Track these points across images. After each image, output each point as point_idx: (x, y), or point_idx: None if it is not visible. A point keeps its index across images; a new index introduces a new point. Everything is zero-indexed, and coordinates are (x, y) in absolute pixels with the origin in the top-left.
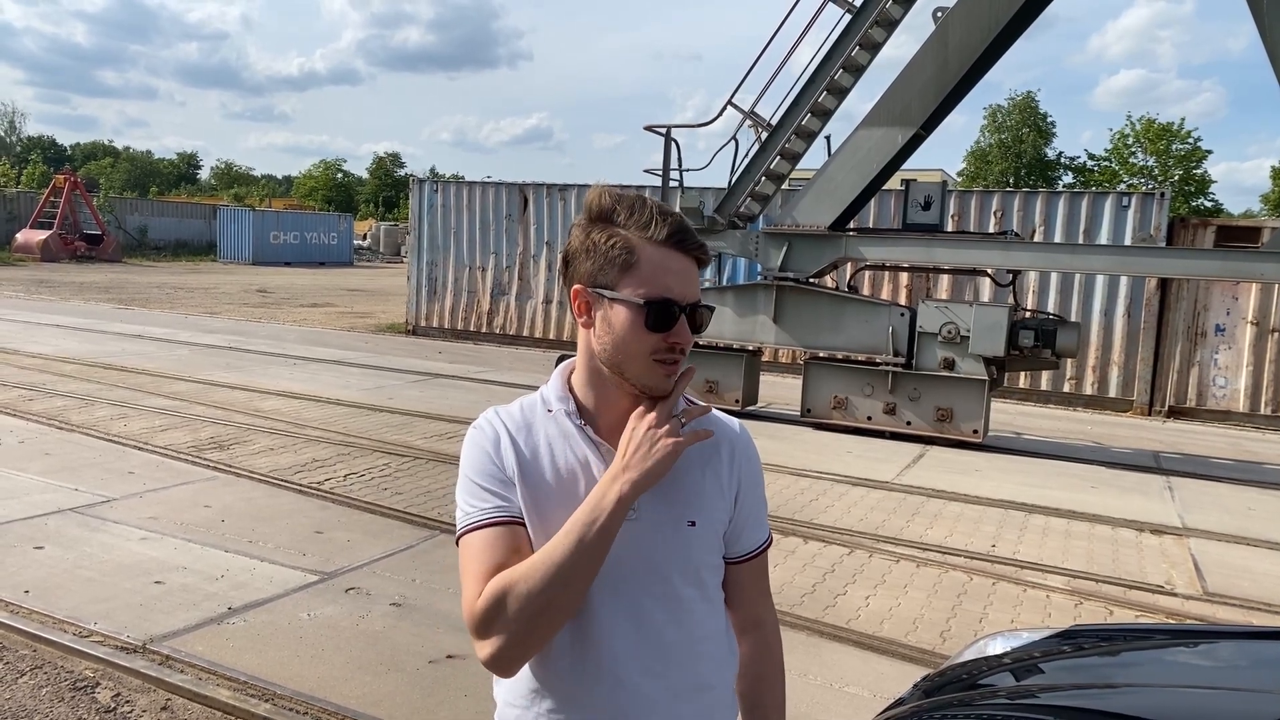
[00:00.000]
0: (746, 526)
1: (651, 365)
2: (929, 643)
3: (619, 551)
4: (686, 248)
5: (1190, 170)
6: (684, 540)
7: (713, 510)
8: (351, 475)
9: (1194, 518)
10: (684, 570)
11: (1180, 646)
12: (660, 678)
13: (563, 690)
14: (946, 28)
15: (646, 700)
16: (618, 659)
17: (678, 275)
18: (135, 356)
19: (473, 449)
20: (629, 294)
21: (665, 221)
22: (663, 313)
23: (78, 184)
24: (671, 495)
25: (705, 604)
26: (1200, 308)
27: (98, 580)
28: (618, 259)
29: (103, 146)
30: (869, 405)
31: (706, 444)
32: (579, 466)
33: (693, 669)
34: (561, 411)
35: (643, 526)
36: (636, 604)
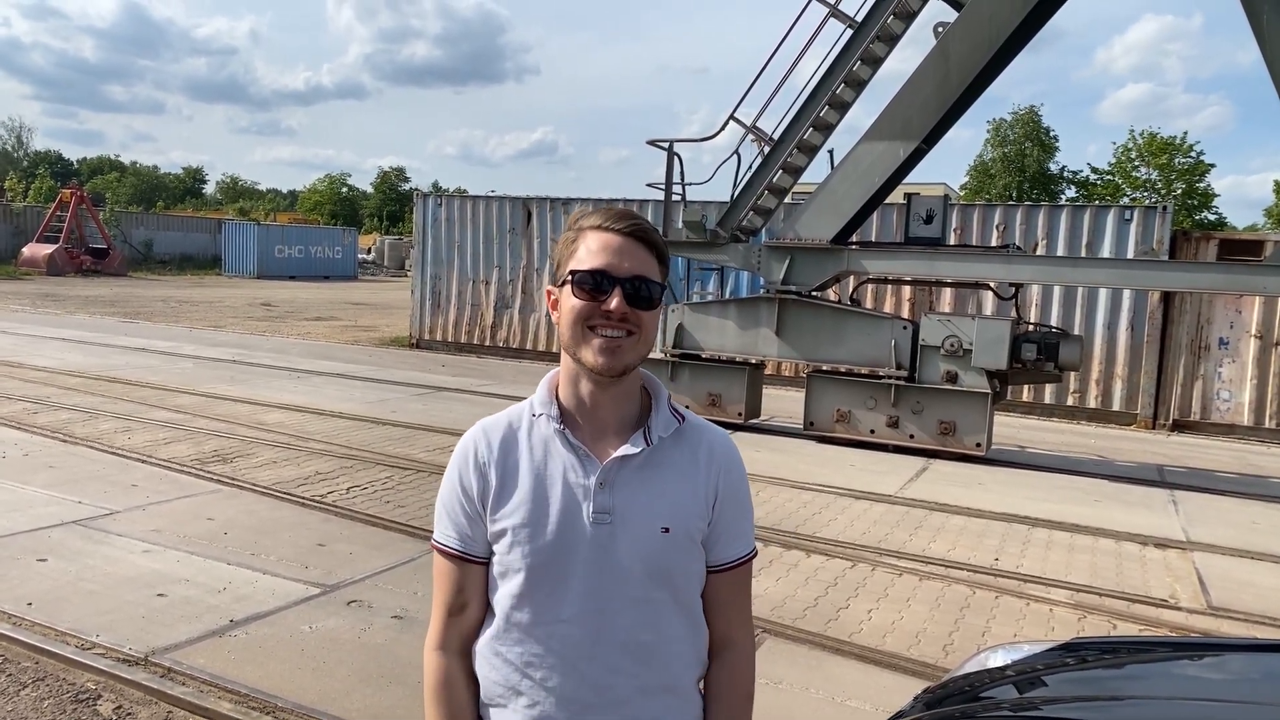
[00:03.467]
0: (724, 536)
1: (585, 337)
2: (932, 656)
3: (593, 555)
4: (621, 230)
5: (1193, 184)
6: (657, 546)
7: (687, 517)
8: (354, 488)
9: (1198, 531)
10: (656, 575)
11: (1185, 659)
12: (631, 677)
13: (534, 685)
14: (948, 42)
15: (615, 697)
16: (588, 658)
17: (612, 251)
18: (140, 370)
19: (448, 474)
20: (566, 273)
21: (606, 213)
22: (590, 281)
23: (84, 198)
24: (647, 502)
25: (676, 607)
26: (1204, 321)
27: (100, 592)
28: (566, 251)
29: (109, 161)
30: (872, 418)
31: (685, 451)
32: (557, 471)
33: (661, 669)
34: (544, 416)
35: (617, 531)
36: (607, 606)
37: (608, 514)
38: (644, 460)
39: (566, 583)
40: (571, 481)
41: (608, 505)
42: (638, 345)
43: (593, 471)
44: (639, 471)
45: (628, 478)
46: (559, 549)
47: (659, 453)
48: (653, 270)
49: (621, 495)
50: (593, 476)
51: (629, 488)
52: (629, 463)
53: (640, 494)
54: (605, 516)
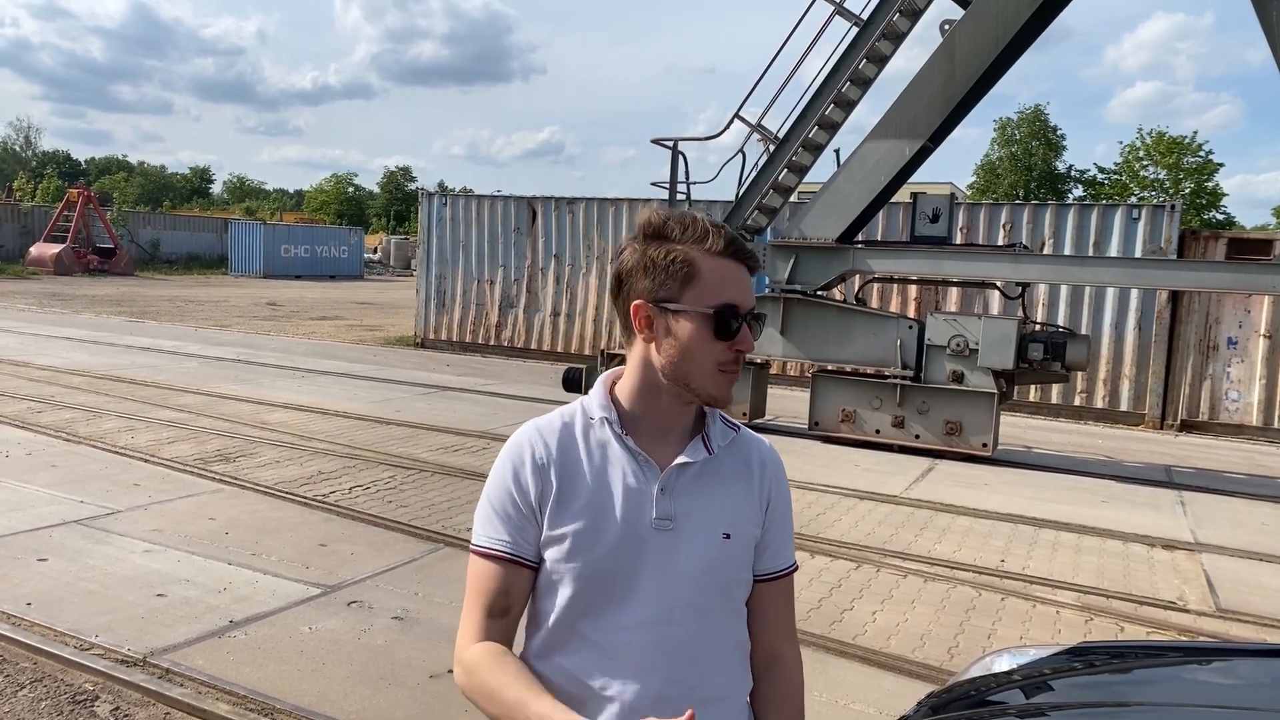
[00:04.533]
0: (772, 545)
1: (717, 374)
2: (936, 659)
3: (655, 562)
4: (741, 257)
5: (1202, 183)
6: (719, 553)
7: (746, 524)
8: (357, 488)
9: (1207, 533)
10: (716, 582)
11: (1193, 664)
12: (690, 688)
13: (592, 698)
14: (954, 40)
15: (674, 710)
16: (650, 668)
17: (737, 284)
18: (144, 369)
19: (498, 473)
20: (694, 305)
21: (719, 233)
22: (728, 321)
23: (91, 198)
24: (708, 508)
25: (732, 616)
26: (1212, 321)
27: (100, 593)
28: (679, 272)
29: (117, 161)
30: (877, 418)
31: (739, 459)
32: (617, 476)
33: (719, 680)
34: (603, 420)
35: (679, 538)
36: (669, 615)
37: (670, 520)
38: (701, 468)
39: (629, 590)
40: (632, 487)
41: (670, 512)
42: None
43: (653, 477)
44: (697, 479)
45: (687, 485)
46: (622, 555)
47: (715, 460)
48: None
49: (682, 502)
50: (654, 483)
51: (689, 494)
52: (688, 470)
53: (701, 501)
54: (667, 523)
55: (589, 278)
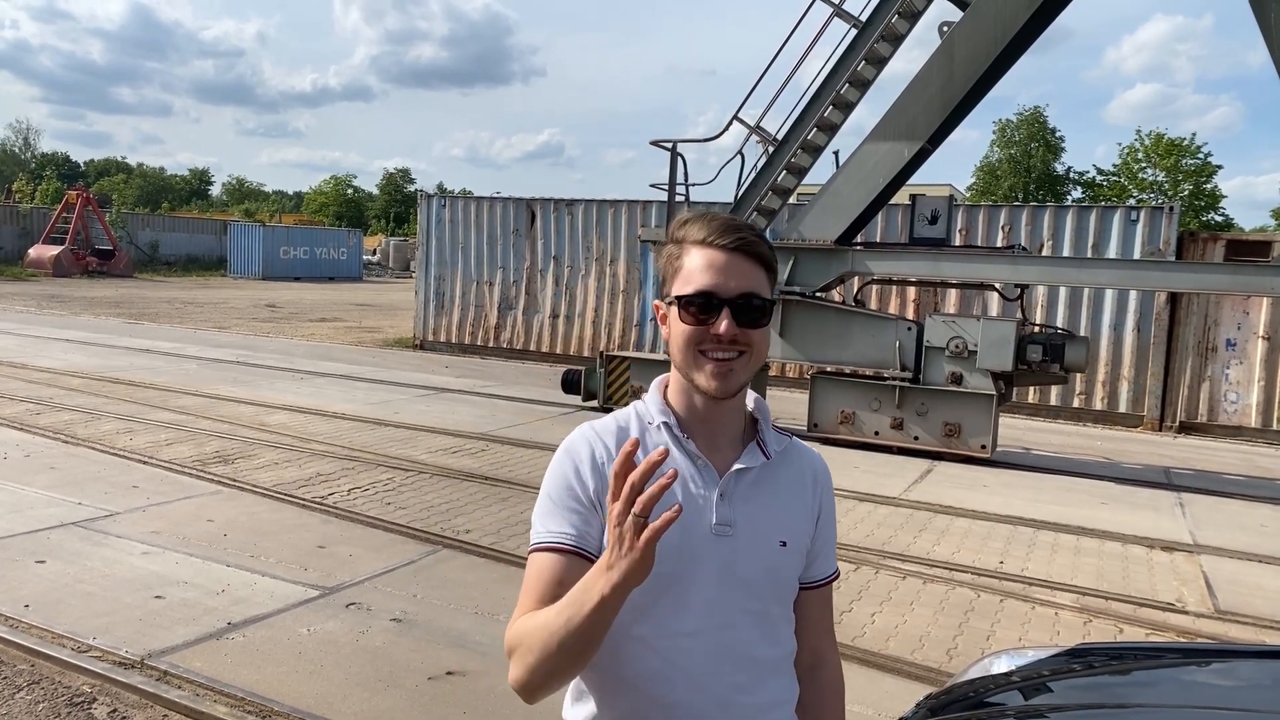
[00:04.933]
0: (821, 554)
1: (696, 358)
2: (935, 660)
3: (715, 567)
4: (727, 245)
5: (1200, 185)
6: (777, 560)
7: (801, 533)
8: (355, 490)
9: (1206, 534)
10: (774, 589)
11: (1193, 666)
12: (749, 694)
13: (654, 704)
14: (952, 42)
15: (734, 713)
16: (712, 674)
17: (717, 270)
18: (143, 371)
19: (557, 469)
20: (675, 294)
21: (710, 224)
22: (697, 304)
23: (90, 200)
24: (765, 515)
25: (787, 623)
26: (1211, 322)
27: (98, 595)
28: (670, 267)
29: (116, 163)
30: (876, 420)
31: (794, 468)
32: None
33: (771, 686)
34: (662, 424)
35: (738, 544)
36: (730, 621)
37: (729, 526)
38: (758, 474)
39: (689, 595)
40: (692, 492)
41: (729, 517)
42: (749, 364)
43: (713, 482)
44: (755, 485)
45: (745, 490)
46: (682, 560)
47: (770, 467)
48: (761, 284)
49: (740, 507)
50: (714, 488)
51: (747, 501)
52: (746, 475)
53: (759, 508)
54: (727, 529)
55: (588, 279)
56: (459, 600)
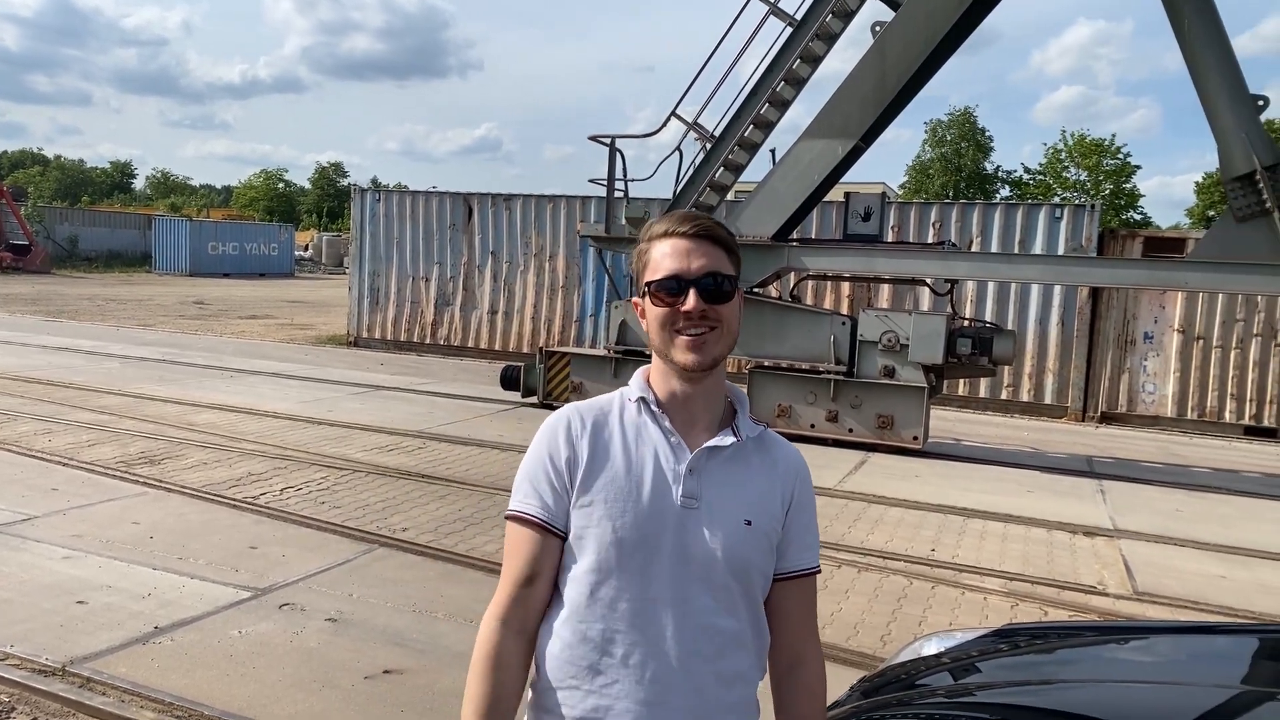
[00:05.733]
0: (794, 544)
1: (672, 338)
2: (870, 647)
3: (679, 538)
4: (687, 232)
5: (1120, 184)
6: (740, 537)
7: (767, 517)
8: (288, 489)
9: (1125, 520)
10: (735, 565)
11: (1112, 643)
12: (707, 661)
13: (614, 664)
14: (885, 41)
15: (695, 683)
16: (673, 638)
17: (681, 254)
18: (62, 370)
19: (535, 445)
20: (647, 283)
21: (671, 218)
22: (665, 287)
23: (4, 193)
24: (732, 493)
25: (747, 601)
26: (1130, 316)
27: (16, 601)
28: (640, 262)
29: (32, 155)
30: (812, 413)
31: (767, 456)
32: (648, 454)
33: (734, 659)
34: (640, 400)
35: (703, 517)
36: (688, 589)
37: (695, 499)
38: (731, 454)
39: (651, 563)
40: (662, 465)
41: (696, 491)
42: (722, 338)
43: (683, 458)
44: (726, 464)
45: (716, 468)
46: (648, 528)
47: (744, 450)
48: (724, 264)
49: (709, 484)
50: (683, 462)
51: (717, 478)
52: (718, 454)
53: (727, 485)
54: (693, 502)
55: (527, 275)
56: (396, 599)
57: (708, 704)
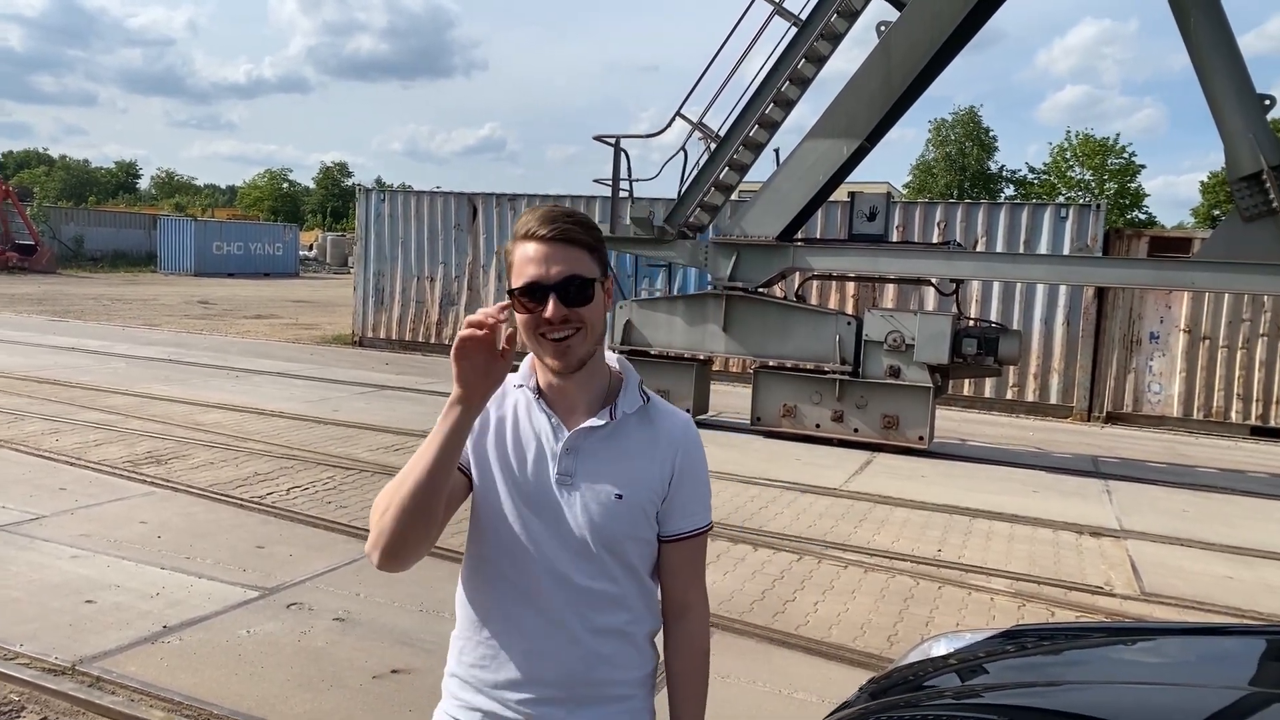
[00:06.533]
0: (680, 511)
1: (539, 341)
2: (877, 647)
3: (554, 511)
4: (545, 236)
5: (1125, 184)
6: (610, 510)
7: (642, 489)
8: (295, 489)
9: (1131, 520)
10: (605, 535)
11: (1120, 644)
12: (581, 618)
13: (500, 617)
14: (890, 41)
15: (568, 635)
16: (546, 596)
17: (540, 260)
18: (69, 370)
19: None
20: (512, 289)
21: (532, 218)
22: (526, 296)
23: (9, 193)
24: (605, 470)
25: (623, 567)
26: (1135, 316)
27: (25, 600)
28: (506, 263)
29: (37, 155)
30: (817, 413)
31: (648, 430)
32: (531, 433)
33: (611, 615)
34: (524, 387)
35: (576, 493)
36: (563, 556)
37: (570, 476)
38: (609, 433)
39: (531, 534)
40: (543, 444)
41: (571, 469)
42: (586, 339)
43: (562, 438)
44: (603, 442)
45: (592, 447)
46: (526, 501)
47: (624, 428)
48: (584, 265)
49: (584, 461)
50: (561, 442)
51: (592, 455)
52: (595, 433)
53: (601, 462)
54: (567, 478)
55: None
56: (403, 598)
57: (584, 654)
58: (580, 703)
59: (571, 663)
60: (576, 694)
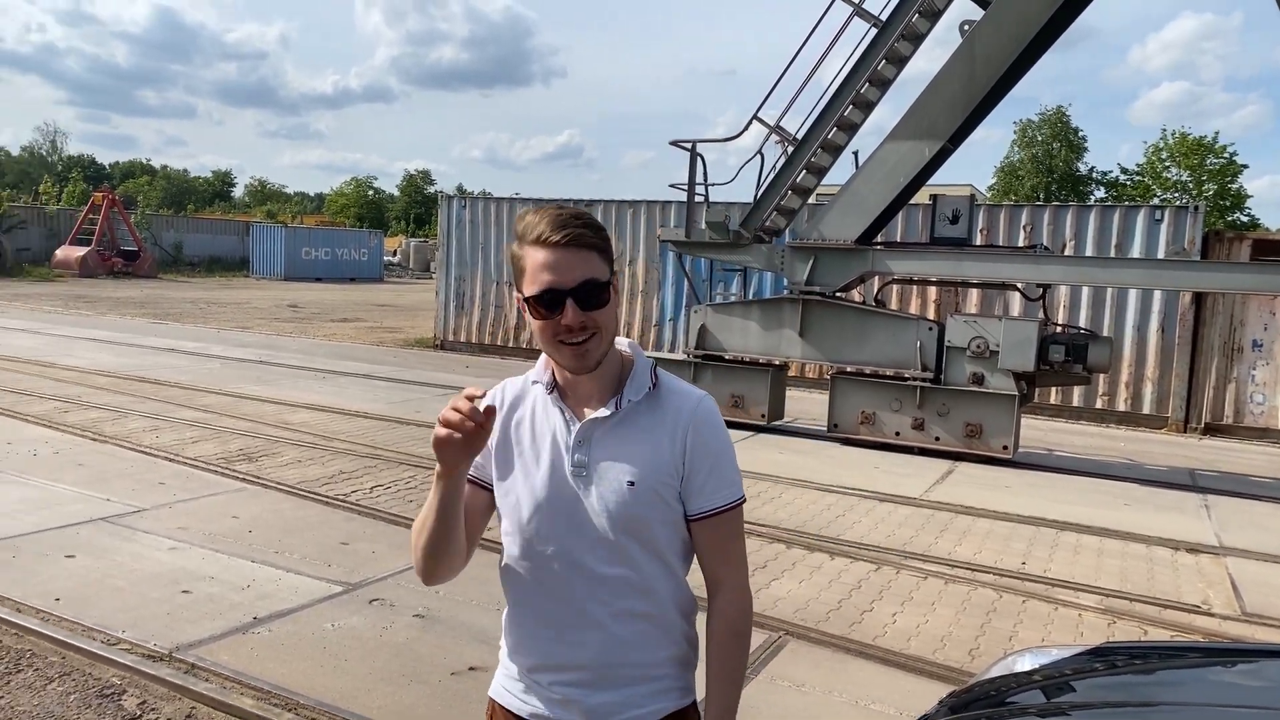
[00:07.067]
0: (700, 489)
1: (557, 346)
2: (957, 660)
3: (572, 502)
4: (555, 240)
5: (1225, 184)
6: (625, 497)
7: (655, 473)
8: (378, 487)
9: (1231, 536)
10: (622, 522)
11: (1217, 665)
12: (603, 604)
13: (527, 607)
14: (974, 40)
15: (591, 620)
16: (567, 584)
17: (554, 266)
18: (168, 370)
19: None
20: (526, 294)
21: (542, 222)
22: (542, 302)
23: (115, 201)
24: (616, 458)
25: (645, 550)
26: (1237, 323)
27: (126, 589)
28: (516, 268)
29: (141, 165)
30: (897, 420)
31: (655, 413)
32: (548, 429)
33: (633, 600)
34: (540, 385)
35: (591, 483)
36: (582, 546)
37: (584, 468)
38: (618, 421)
39: (551, 525)
40: (558, 439)
41: (584, 460)
42: (603, 341)
43: (574, 431)
44: (613, 431)
45: (602, 437)
46: (545, 495)
47: (632, 415)
48: (597, 268)
49: (596, 452)
50: (573, 435)
51: (603, 445)
52: (603, 424)
53: (611, 451)
54: (582, 470)
55: None
56: (480, 596)
57: (607, 639)
58: (606, 684)
59: (595, 648)
60: (603, 676)
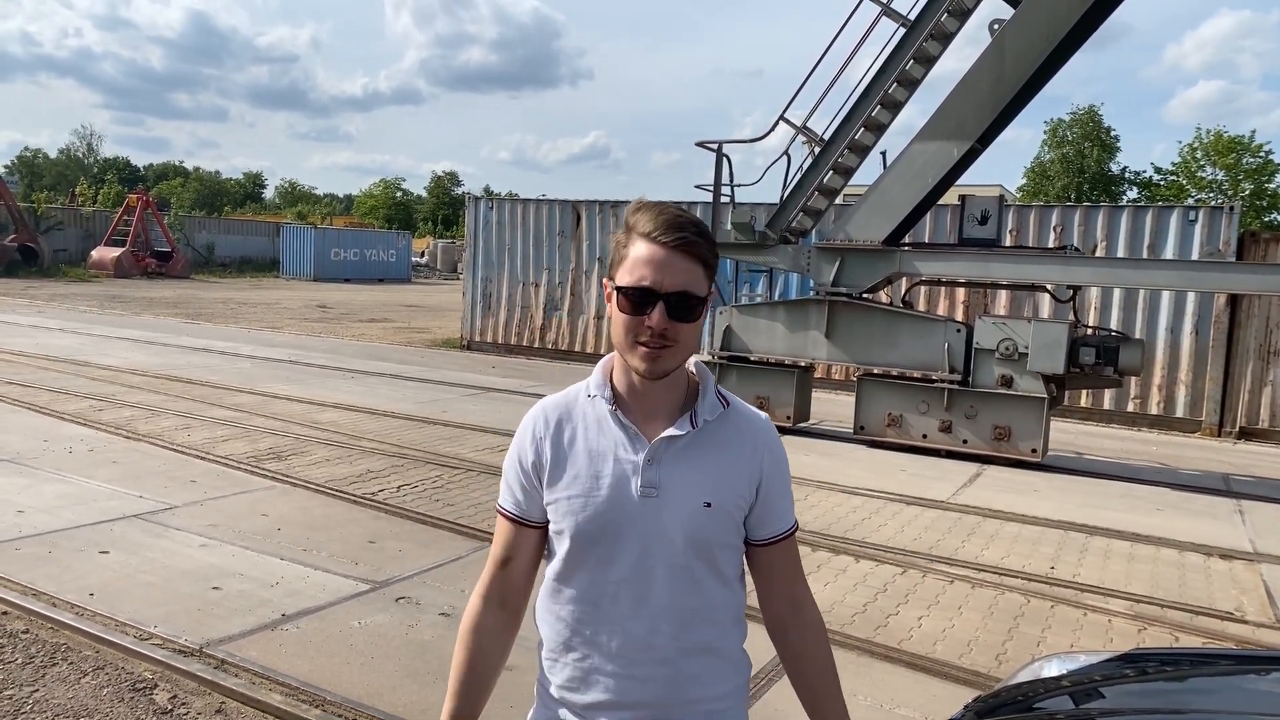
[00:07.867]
0: (770, 514)
1: (632, 345)
2: (984, 665)
3: (640, 525)
4: (669, 243)
5: (1262, 184)
6: (700, 520)
7: (730, 495)
8: (405, 486)
9: (1266, 542)
10: (697, 545)
11: (1251, 673)
12: (671, 637)
13: (584, 641)
14: (1003, 40)
15: (658, 655)
16: (633, 617)
17: (655, 265)
18: (200, 369)
19: (512, 447)
20: (618, 282)
21: (657, 219)
22: (633, 297)
23: (150, 203)
24: (692, 478)
25: (715, 576)
26: (1273, 325)
27: (159, 585)
28: (618, 254)
29: (174, 167)
30: (924, 423)
31: (730, 434)
32: (608, 448)
33: (701, 631)
34: (599, 397)
35: (663, 504)
36: (650, 571)
37: (655, 488)
38: (690, 440)
39: (615, 550)
40: (622, 458)
41: (655, 480)
42: (677, 354)
43: (642, 449)
44: (685, 450)
45: (674, 456)
46: (609, 519)
47: (704, 434)
48: (697, 282)
49: (668, 471)
50: (642, 454)
51: (675, 465)
52: (676, 442)
53: (686, 471)
54: (652, 490)
55: None
56: None
57: (674, 674)
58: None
59: (661, 684)
60: (668, 714)
